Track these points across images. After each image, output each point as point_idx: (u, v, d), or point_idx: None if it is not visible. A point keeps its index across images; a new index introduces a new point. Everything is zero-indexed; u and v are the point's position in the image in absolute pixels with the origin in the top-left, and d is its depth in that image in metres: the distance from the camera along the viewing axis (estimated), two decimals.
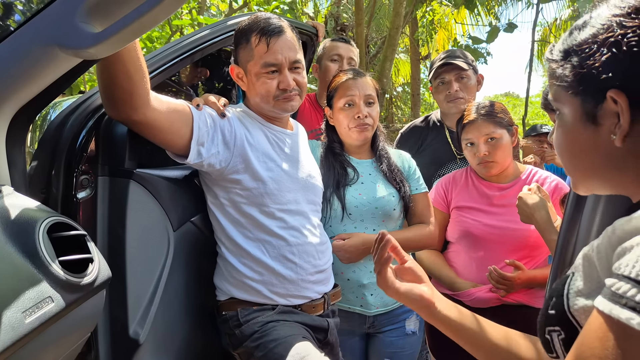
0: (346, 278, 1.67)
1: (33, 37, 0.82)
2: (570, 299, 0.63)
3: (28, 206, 0.84)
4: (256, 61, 1.37)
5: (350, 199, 1.67)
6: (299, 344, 1.27)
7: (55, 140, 1.13)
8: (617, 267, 0.52)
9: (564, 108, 0.70)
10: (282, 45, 1.37)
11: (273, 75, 1.38)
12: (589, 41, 0.65)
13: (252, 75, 1.39)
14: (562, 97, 0.69)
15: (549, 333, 0.66)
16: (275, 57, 1.36)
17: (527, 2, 8.31)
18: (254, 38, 1.37)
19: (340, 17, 6.97)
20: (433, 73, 2.21)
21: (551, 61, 0.71)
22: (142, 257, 1.27)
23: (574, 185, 0.77)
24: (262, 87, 1.39)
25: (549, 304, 0.68)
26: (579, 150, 0.70)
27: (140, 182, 1.27)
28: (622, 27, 0.61)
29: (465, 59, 2.18)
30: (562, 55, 0.68)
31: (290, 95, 1.41)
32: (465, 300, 1.71)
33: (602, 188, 0.73)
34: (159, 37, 5.95)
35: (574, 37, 0.67)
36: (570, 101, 0.68)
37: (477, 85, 2.22)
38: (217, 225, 1.41)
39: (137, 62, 1.05)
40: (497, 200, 1.75)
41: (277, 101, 1.40)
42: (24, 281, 0.73)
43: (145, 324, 1.26)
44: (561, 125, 0.72)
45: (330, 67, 2.30)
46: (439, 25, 9.25)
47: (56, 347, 0.83)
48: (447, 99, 2.15)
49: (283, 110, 1.43)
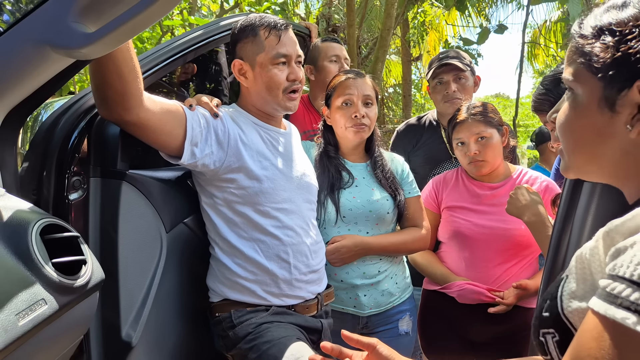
0: (339, 279, 1.67)
1: (25, 37, 0.81)
2: (564, 301, 0.63)
3: (20, 208, 0.83)
4: (267, 52, 1.39)
5: (345, 202, 1.67)
6: (293, 345, 1.26)
7: (46, 142, 1.12)
8: (612, 268, 0.52)
9: (581, 88, 0.65)
10: (290, 39, 1.43)
11: (283, 67, 1.41)
12: (630, 23, 0.60)
13: (261, 67, 1.41)
14: (582, 76, 0.65)
15: (544, 335, 0.66)
16: (287, 48, 1.41)
17: (517, 4, 8.37)
18: (262, 31, 1.40)
19: (332, 18, 6.98)
20: (431, 73, 2.22)
21: (580, 37, 0.65)
22: (134, 258, 1.26)
23: (566, 168, 0.74)
24: (272, 78, 1.41)
25: (543, 306, 0.67)
26: (588, 134, 0.66)
27: (132, 183, 1.26)
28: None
29: (464, 60, 2.20)
30: (595, 33, 0.63)
31: (297, 89, 1.45)
32: (453, 292, 1.72)
33: (598, 176, 0.71)
34: (149, 37, 5.91)
35: (612, 16, 0.62)
36: (591, 82, 0.63)
37: (474, 86, 2.23)
38: (211, 226, 1.41)
39: (130, 63, 1.04)
40: (488, 199, 1.77)
41: (285, 95, 1.43)
42: (17, 283, 0.72)
43: (138, 326, 1.25)
44: (573, 106, 0.67)
45: (331, 68, 2.28)
46: (430, 26, 9.28)
47: (49, 349, 0.82)
48: (445, 99, 2.16)
49: (285, 108, 1.45)
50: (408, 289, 1.81)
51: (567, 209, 0.94)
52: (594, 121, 0.64)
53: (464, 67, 2.15)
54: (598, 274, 0.58)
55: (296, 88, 1.44)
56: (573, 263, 0.64)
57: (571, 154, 0.71)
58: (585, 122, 0.66)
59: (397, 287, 1.74)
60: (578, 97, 0.66)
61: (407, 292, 1.79)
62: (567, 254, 0.94)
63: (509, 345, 1.70)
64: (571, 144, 0.70)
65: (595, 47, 0.62)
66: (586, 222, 0.90)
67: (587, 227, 0.89)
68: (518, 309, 1.69)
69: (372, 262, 1.69)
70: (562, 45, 8.30)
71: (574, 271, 0.64)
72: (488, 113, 1.75)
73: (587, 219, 0.89)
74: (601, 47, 0.61)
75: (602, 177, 0.70)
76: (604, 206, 0.88)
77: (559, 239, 0.96)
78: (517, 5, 8.43)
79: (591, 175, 0.72)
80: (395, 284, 1.73)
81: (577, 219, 0.92)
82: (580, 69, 0.65)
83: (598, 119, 0.64)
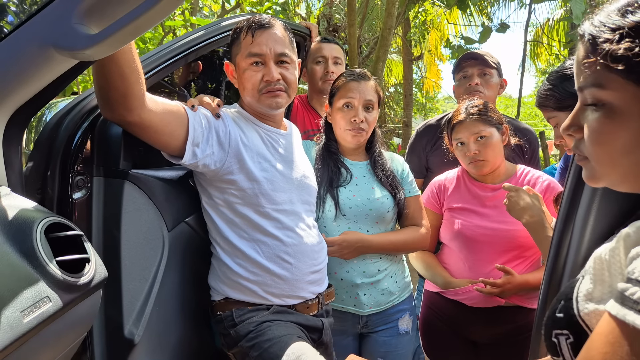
0: (339, 278, 1.68)
1: (29, 39, 0.82)
2: (579, 302, 0.61)
3: (25, 207, 0.84)
4: (242, 53, 1.39)
5: (345, 200, 1.68)
6: (294, 344, 1.27)
7: (50, 141, 1.13)
8: (631, 271, 0.50)
9: (616, 97, 0.60)
10: (267, 38, 1.38)
11: (258, 68, 1.39)
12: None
13: (241, 69, 1.41)
14: (612, 82, 0.60)
15: (556, 336, 0.64)
16: (260, 48, 1.37)
17: (519, 3, 8.36)
18: (243, 33, 1.40)
19: (333, 17, 6.99)
20: (457, 67, 2.22)
21: (606, 40, 0.60)
22: (137, 257, 1.27)
23: (594, 178, 0.69)
24: (248, 80, 1.40)
25: (557, 307, 0.66)
26: (630, 143, 0.61)
27: (135, 182, 1.28)
28: None
29: (492, 58, 2.20)
30: (632, 32, 0.58)
31: (274, 89, 1.39)
32: (461, 298, 1.72)
33: (632, 186, 0.65)
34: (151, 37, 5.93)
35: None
36: (629, 88, 0.59)
37: (500, 88, 2.23)
38: (212, 226, 1.42)
39: (133, 64, 1.05)
40: (489, 201, 1.76)
41: (262, 95, 1.40)
42: (22, 281, 0.73)
43: (140, 324, 1.26)
44: (609, 116, 0.62)
45: (315, 69, 2.28)
46: (432, 25, 9.28)
47: (53, 346, 0.83)
48: (467, 91, 2.15)
49: (268, 106, 1.42)
50: (408, 288, 1.82)
51: (569, 209, 0.94)
52: (637, 128, 0.60)
53: (491, 62, 2.15)
54: (617, 276, 0.57)
55: (271, 89, 1.39)
56: (591, 264, 0.63)
57: (607, 166, 0.65)
58: (628, 131, 0.60)
59: (397, 286, 1.75)
60: (614, 107, 0.61)
61: (406, 291, 1.80)
62: (568, 254, 0.93)
63: (511, 346, 1.70)
64: (608, 156, 0.64)
65: (631, 50, 0.57)
66: (588, 222, 0.89)
67: (588, 226, 0.89)
68: (520, 310, 1.69)
69: (372, 261, 1.70)
70: (565, 43, 8.28)
71: (591, 272, 0.62)
72: (487, 112, 1.74)
73: (589, 218, 0.89)
74: (634, 48, 0.57)
75: (636, 187, 0.65)
76: (606, 206, 0.88)
77: (560, 238, 0.95)
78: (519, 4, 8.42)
79: (624, 185, 0.66)
80: (395, 283, 1.74)
81: (578, 219, 0.91)
82: (611, 77, 0.60)
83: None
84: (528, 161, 2.19)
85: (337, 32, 6.45)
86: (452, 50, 6.60)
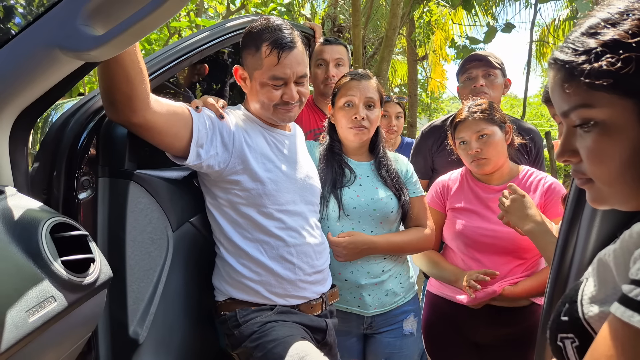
0: (344, 279, 1.68)
1: (35, 40, 0.83)
2: (584, 305, 0.61)
3: (31, 207, 0.85)
4: (264, 72, 1.37)
5: (349, 200, 1.68)
6: (298, 344, 1.27)
7: (56, 142, 1.14)
8: (635, 272, 0.50)
9: (607, 113, 0.60)
10: (292, 60, 1.37)
11: (278, 87, 1.39)
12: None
13: (257, 83, 1.40)
14: (599, 99, 0.60)
15: (562, 340, 0.63)
16: (284, 71, 1.37)
17: (525, 2, 8.33)
18: (264, 48, 1.36)
19: (337, 18, 6.99)
20: (461, 69, 2.22)
21: (584, 62, 0.61)
22: (141, 257, 1.28)
23: (602, 199, 0.67)
24: (266, 95, 1.40)
25: (561, 310, 0.65)
26: (633, 157, 0.60)
27: (140, 183, 1.28)
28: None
29: (495, 59, 2.20)
30: (608, 49, 0.58)
31: (290, 107, 1.43)
32: (465, 301, 1.71)
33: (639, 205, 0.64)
34: (157, 39, 5.95)
35: (616, 30, 0.59)
36: (620, 102, 0.59)
37: (504, 88, 2.22)
38: (216, 226, 1.42)
39: (137, 66, 1.05)
40: (492, 202, 1.75)
41: (277, 109, 1.42)
42: (27, 281, 0.73)
43: (145, 324, 1.27)
44: (605, 133, 0.61)
45: (316, 72, 2.28)
46: (436, 26, 9.26)
47: (58, 346, 0.84)
48: (472, 92, 2.14)
49: (281, 119, 1.45)
50: (412, 289, 1.81)
51: (574, 210, 0.93)
52: (636, 140, 0.60)
53: (494, 63, 2.14)
54: (621, 277, 0.56)
55: (288, 108, 1.42)
56: (594, 266, 0.62)
57: (613, 183, 0.64)
58: (627, 143, 0.60)
59: (402, 287, 1.74)
60: (607, 123, 0.61)
61: (411, 292, 1.79)
62: (574, 255, 0.93)
63: (514, 348, 1.70)
64: (613, 173, 0.63)
65: (614, 65, 0.58)
66: (593, 223, 0.88)
67: (594, 228, 0.88)
68: (523, 311, 1.68)
69: (377, 262, 1.70)
70: None
71: (594, 274, 0.61)
72: (489, 111, 1.73)
73: (595, 219, 0.88)
74: (616, 63, 0.58)
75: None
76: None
77: (566, 240, 0.95)
78: (524, 4, 8.39)
79: (630, 203, 0.64)
80: (399, 284, 1.74)
81: (584, 220, 0.90)
82: (597, 95, 0.60)
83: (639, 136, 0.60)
84: (532, 161, 2.18)
85: (342, 33, 6.45)
86: (457, 51, 6.59)
